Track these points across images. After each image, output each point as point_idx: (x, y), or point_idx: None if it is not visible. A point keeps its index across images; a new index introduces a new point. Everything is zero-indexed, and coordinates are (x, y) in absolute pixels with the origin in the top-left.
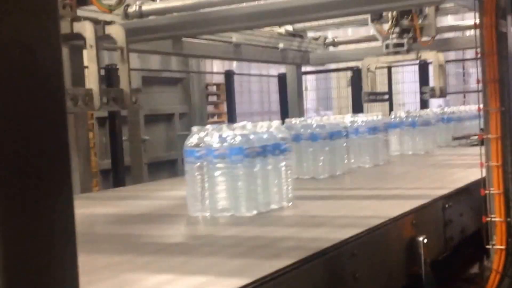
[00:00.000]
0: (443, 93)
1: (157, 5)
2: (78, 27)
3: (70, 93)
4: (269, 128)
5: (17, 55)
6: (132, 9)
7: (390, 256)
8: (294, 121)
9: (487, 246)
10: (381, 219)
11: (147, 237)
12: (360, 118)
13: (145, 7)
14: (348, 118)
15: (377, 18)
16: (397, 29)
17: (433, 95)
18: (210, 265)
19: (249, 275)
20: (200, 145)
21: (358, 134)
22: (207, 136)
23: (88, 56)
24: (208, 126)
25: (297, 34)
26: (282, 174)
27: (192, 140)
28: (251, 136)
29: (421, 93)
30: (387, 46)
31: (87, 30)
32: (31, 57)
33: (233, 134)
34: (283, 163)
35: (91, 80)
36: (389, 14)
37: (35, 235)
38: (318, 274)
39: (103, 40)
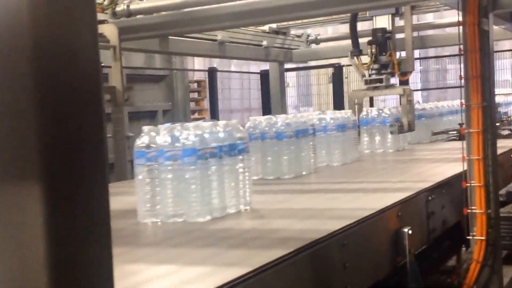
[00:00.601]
0: (411, 128)
1: (145, 4)
2: None
3: None
4: (226, 127)
5: (63, 57)
6: (120, 8)
7: (377, 247)
8: (259, 119)
9: (468, 237)
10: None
11: (140, 231)
12: (329, 115)
13: (133, 6)
14: (315, 116)
15: (357, 54)
16: (376, 66)
17: (401, 130)
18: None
19: (248, 265)
20: (151, 145)
21: (326, 132)
22: (159, 136)
23: None
24: (160, 126)
25: (280, 32)
26: (239, 176)
27: (143, 140)
28: (206, 136)
29: (390, 129)
30: (366, 82)
31: None
32: (74, 59)
33: (186, 134)
34: (241, 165)
35: None
36: (368, 51)
37: (76, 225)
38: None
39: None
